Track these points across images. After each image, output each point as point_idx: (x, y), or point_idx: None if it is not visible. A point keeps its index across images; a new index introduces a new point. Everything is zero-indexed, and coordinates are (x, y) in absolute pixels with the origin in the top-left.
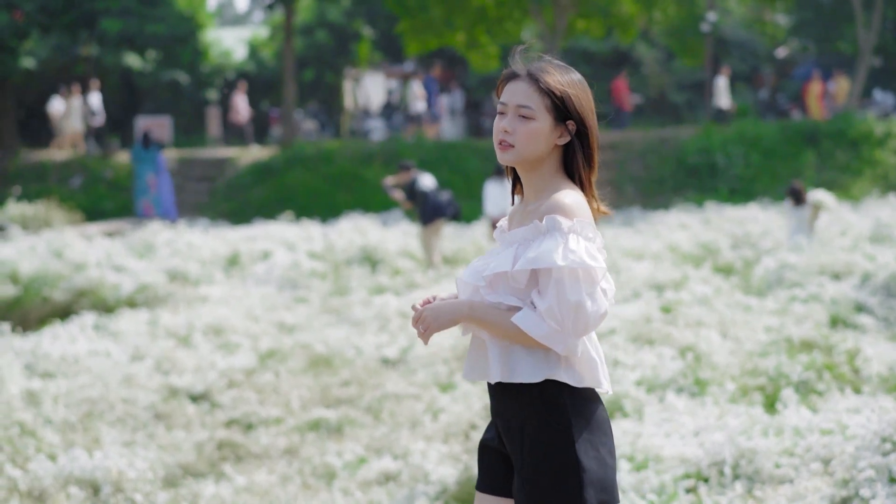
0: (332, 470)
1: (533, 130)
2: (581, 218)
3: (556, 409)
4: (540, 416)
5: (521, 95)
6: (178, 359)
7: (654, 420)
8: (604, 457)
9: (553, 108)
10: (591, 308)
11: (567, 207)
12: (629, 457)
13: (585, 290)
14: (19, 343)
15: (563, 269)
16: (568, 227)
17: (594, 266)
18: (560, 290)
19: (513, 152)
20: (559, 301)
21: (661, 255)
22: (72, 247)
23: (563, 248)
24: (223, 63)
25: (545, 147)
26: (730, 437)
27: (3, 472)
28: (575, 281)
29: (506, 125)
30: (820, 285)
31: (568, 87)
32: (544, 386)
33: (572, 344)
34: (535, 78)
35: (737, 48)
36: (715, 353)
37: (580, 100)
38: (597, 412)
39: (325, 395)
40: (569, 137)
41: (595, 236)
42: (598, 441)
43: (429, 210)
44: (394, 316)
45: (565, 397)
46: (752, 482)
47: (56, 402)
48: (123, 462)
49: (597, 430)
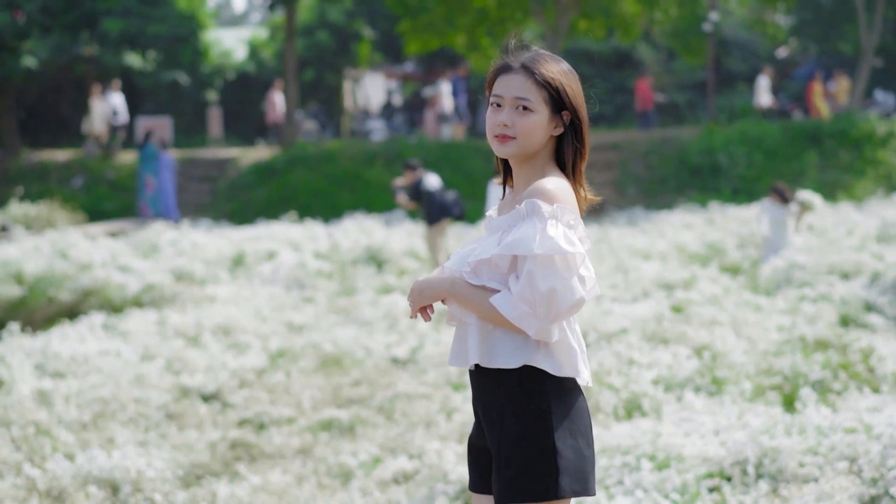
0: (348, 470)
1: (533, 123)
2: (562, 203)
3: (536, 395)
4: (518, 402)
5: (519, 88)
6: (189, 359)
7: (673, 419)
8: (581, 447)
9: (550, 99)
10: (565, 295)
11: (548, 192)
12: (650, 456)
13: (560, 276)
14: (29, 343)
15: (538, 256)
16: (548, 211)
17: (571, 252)
18: (533, 276)
19: (513, 144)
20: (532, 287)
21: (668, 255)
22: (76, 247)
23: (541, 233)
24: (223, 63)
25: (542, 139)
26: (752, 436)
27: (22, 471)
28: (549, 267)
29: (504, 118)
30: (829, 285)
31: (562, 78)
32: (524, 372)
33: (545, 329)
34: (530, 70)
35: (737, 48)
36: (730, 352)
37: (573, 90)
38: (577, 402)
39: (336, 395)
40: (563, 128)
41: (577, 223)
42: (577, 430)
43: (434, 210)
44: (402, 316)
45: (546, 384)
46: (776, 481)
47: (68, 402)
48: (142, 462)
49: (577, 419)
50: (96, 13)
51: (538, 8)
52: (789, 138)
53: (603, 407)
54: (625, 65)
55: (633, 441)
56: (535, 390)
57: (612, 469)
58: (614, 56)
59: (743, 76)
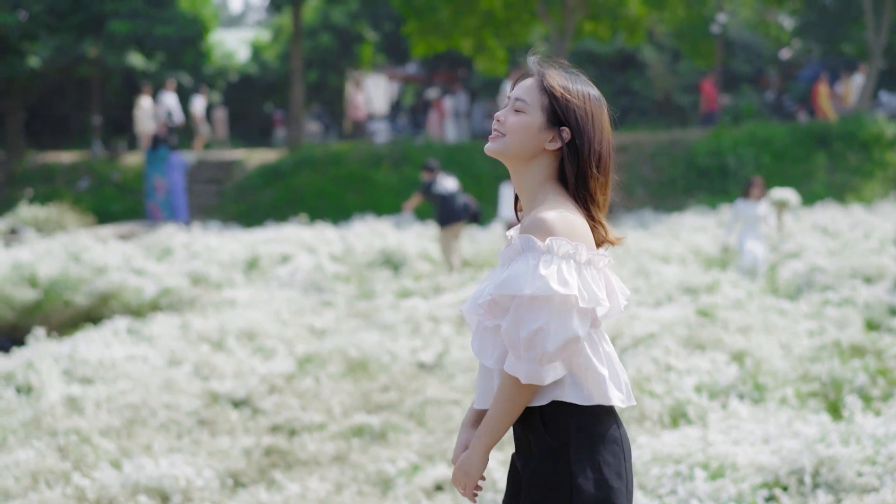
0: (387, 477)
1: (521, 122)
2: (558, 236)
3: (556, 428)
4: (540, 435)
5: (523, 89)
6: (217, 364)
7: (720, 427)
8: (608, 478)
9: (549, 108)
10: (554, 334)
11: (544, 225)
12: (703, 465)
13: (549, 316)
14: (55, 348)
15: (526, 296)
16: (542, 247)
17: (562, 294)
18: (517, 317)
19: (500, 141)
20: (516, 328)
21: (686, 258)
22: (89, 250)
23: (533, 271)
24: (226, 65)
25: (532, 145)
26: (807, 444)
27: (71, 480)
28: (537, 308)
29: (499, 114)
30: (853, 289)
31: (572, 95)
32: (547, 406)
33: (533, 371)
34: (541, 75)
35: (742, 50)
36: (770, 358)
37: (586, 114)
38: (607, 431)
39: (365, 400)
40: (559, 144)
41: (576, 250)
42: (603, 461)
43: (444, 213)
44: (424, 320)
45: (569, 416)
46: (834, 491)
47: (99, 408)
48: (190, 470)
49: (603, 450)
50: (103, 15)
51: (545, 10)
52: (797, 140)
53: (649, 414)
54: (628, 66)
55: (685, 449)
56: (554, 424)
57: (665, 478)
58: (618, 58)
59: (747, 77)
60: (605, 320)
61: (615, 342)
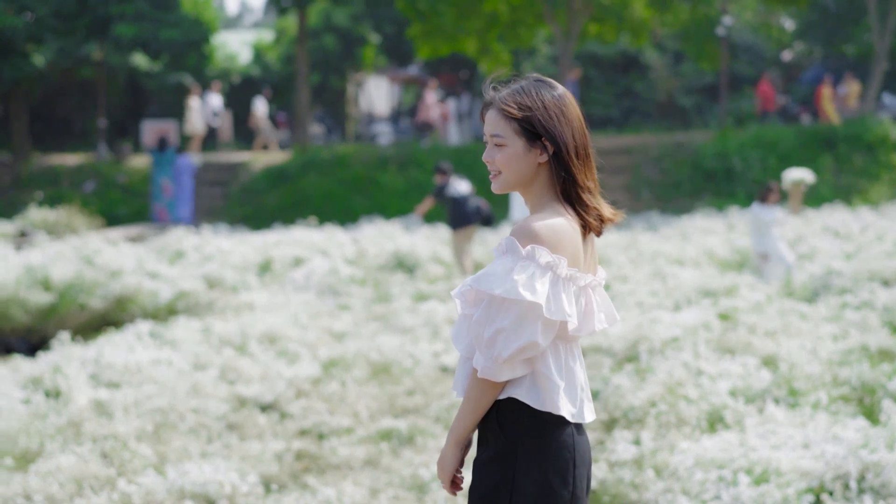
0: (422, 482)
1: (507, 155)
2: (541, 245)
3: (510, 426)
4: (494, 431)
5: (491, 124)
6: (242, 368)
7: (758, 431)
8: (552, 484)
9: (522, 130)
10: (510, 338)
11: (528, 232)
12: (747, 470)
13: (511, 319)
14: (80, 352)
15: (495, 296)
16: (522, 252)
17: (528, 301)
18: (486, 314)
19: (500, 180)
20: (482, 324)
21: (700, 261)
22: (101, 253)
23: (506, 274)
24: (228, 66)
25: (528, 169)
26: (851, 449)
27: (116, 486)
28: (502, 309)
29: (485, 156)
30: (871, 292)
31: (531, 108)
32: (502, 403)
33: (489, 368)
34: (496, 105)
35: (744, 52)
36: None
37: (548, 117)
38: (559, 438)
39: (391, 404)
40: (546, 154)
41: (557, 262)
42: (550, 467)
43: (455, 216)
44: (443, 323)
45: (523, 417)
46: (881, 496)
47: (127, 412)
48: (235, 476)
49: (552, 455)
50: (109, 18)
51: (550, 12)
52: (803, 142)
53: (687, 419)
54: (631, 69)
55: (727, 455)
56: (509, 421)
57: (709, 483)
58: (621, 60)
59: (749, 80)
60: (578, 335)
61: (637, 347)
